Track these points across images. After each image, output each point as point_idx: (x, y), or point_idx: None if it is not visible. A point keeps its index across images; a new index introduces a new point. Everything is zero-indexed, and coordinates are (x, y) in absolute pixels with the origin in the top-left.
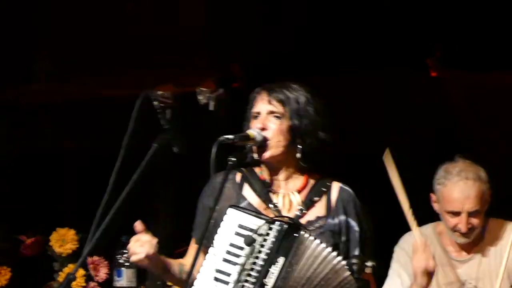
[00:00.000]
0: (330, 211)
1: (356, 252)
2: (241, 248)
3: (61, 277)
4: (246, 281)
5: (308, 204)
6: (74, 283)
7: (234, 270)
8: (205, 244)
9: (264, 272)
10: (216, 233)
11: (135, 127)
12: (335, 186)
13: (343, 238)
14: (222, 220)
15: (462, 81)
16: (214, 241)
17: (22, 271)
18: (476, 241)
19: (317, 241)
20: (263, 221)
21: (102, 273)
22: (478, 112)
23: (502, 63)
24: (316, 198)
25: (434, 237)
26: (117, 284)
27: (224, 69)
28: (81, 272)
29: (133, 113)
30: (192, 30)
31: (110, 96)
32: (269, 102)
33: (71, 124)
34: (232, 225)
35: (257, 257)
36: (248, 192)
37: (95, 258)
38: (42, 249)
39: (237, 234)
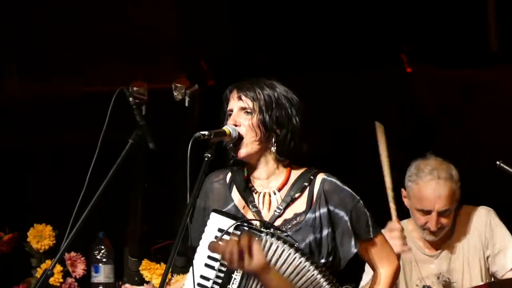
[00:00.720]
0: (311, 206)
1: (353, 241)
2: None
3: (38, 273)
4: None
5: (288, 201)
6: (51, 279)
7: (212, 275)
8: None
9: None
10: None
11: (110, 123)
12: (318, 179)
13: (326, 231)
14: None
15: (430, 77)
16: (199, 246)
17: None
18: (446, 236)
19: (279, 243)
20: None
21: (80, 269)
22: (446, 108)
23: (470, 60)
24: (296, 195)
25: (408, 234)
26: (95, 280)
27: (196, 66)
28: (58, 268)
29: (109, 110)
30: (164, 28)
31: (84, 92)
32: (240, 99)
33: (46, 121)
34: (213, 229)
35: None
36: (234, 193)
37: (73, 254)
38: (20, 245)
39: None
